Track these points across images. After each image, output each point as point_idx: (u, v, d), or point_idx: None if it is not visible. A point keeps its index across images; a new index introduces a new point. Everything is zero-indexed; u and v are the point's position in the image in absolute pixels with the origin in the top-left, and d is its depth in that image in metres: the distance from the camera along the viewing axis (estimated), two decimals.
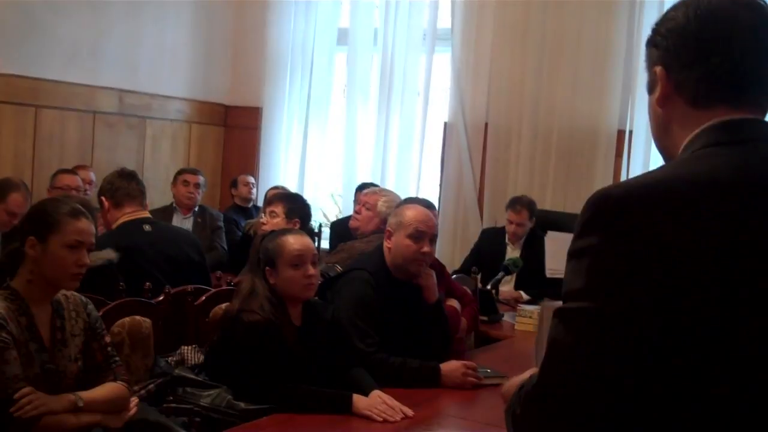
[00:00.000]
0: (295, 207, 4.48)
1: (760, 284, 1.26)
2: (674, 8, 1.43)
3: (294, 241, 3.21)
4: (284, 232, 3.35)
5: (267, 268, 3.18)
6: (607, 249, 1.27)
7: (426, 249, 3.52)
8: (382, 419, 2.91)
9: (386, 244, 3.59)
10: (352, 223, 4.85)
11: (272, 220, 4.39)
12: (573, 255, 1.32)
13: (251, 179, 7.37)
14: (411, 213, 3.57)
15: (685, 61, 1.40)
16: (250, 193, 7.28)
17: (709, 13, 1.38)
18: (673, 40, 1.41)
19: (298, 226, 4.25)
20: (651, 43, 1.46)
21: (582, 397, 1.26)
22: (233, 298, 3.28)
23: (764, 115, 1.42)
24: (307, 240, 3.29)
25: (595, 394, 1.26)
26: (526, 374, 1.75)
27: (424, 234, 3.51)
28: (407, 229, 3.51)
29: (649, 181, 1.33)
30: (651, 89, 1.46)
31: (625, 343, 1.25)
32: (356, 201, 5.06)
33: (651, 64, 1.46)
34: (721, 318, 1.24)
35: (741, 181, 1.30)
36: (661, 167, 1.40)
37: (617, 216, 1.27)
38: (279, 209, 4.44)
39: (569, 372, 1.28)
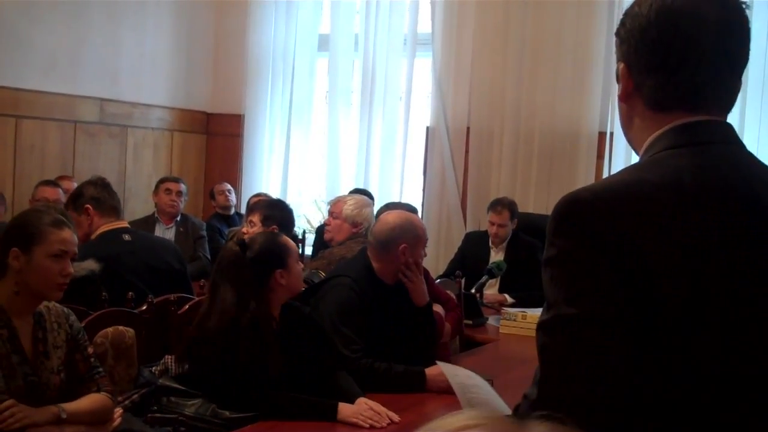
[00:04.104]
0: (272, 214, 4.47)
1: (727, 278, 1.28)
2: (639, 1, 1.42)
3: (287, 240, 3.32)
4: (267, 234, 3.43)
5: (279, 270, 3.18)
6: (580, 253, 1.28)
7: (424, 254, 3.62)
8: (368, 426, 2.91)
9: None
10: (325, 236, 4.90)
11: (251, 229, 4.39)
12: (547, 264, 1.32)
13: (227, 186, 7.32)
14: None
15: (643, 65, 1.40)
16: (227, 200, 7.25)
17: (669, 13, 1.37)
18: (634, 39, 1.41)
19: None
20: (617, 33, 1.46)
21: (585, 403, 1.26)
22: (212, 310, 3.20)
23: (724, 115, 1.42)
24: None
25: (595, 397, 1.26)
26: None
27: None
28: None
29: (615, 184, 1.34)
30: (618, 79, 1.47)
31: (613, 344, 1.26)
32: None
33: (618, 55, 1.47)
34: (695, 311, 1.26)
35: (702, 183, 1.32)
36: (625, 170, 1.42)
37: (587, 219, 1.28)
38: (256, 218, 4.44)
39: (568, 382, 1.27)
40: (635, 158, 1.45)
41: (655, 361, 1.27)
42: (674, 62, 1.37)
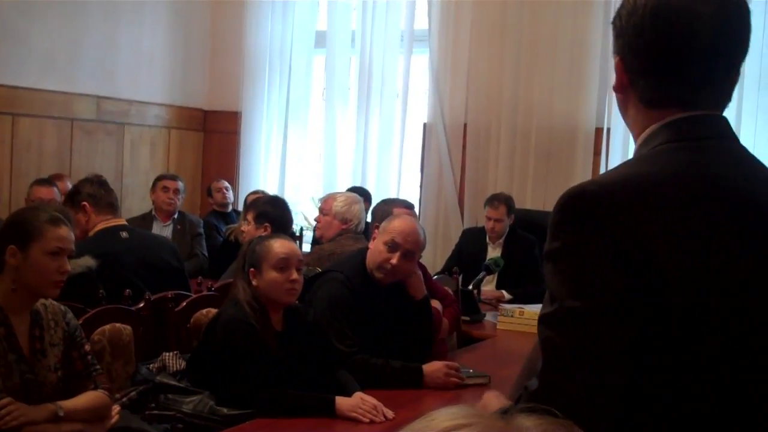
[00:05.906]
0: (264, 212, 4.48)
1: (730, 273, 1.29)
2: None
3: (279, 245, 3.24)
4: (272, 236, 3.39)
5: (251, 269, 3.19)
6: (585, 246, 1.27)
7: (393, 261, 3.49)
8: (368, 420, 2.90)
9: (370, 243, 3.62)
10: (316, 233, 4.93)
11: (246, 226, 4.42)
12: (551, 256, 1.32)
13: (224, 183, 7.32)
14: (398, 223, 3.58)
15: (637, 63, 1.39)
16: (225, 198, 7.23)
17: (665, 11, 1.35)
18: (628, 34, 1.39)
19: (269, 230, 4.25)
20: (614, 23, 1.44)
21: (588, 395, 1.26)
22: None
23: (721, 109, 1.42)
24: (293, 245, 3.33)
25: (599, 389, 1.26)
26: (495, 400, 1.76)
27: (399, 246, 3.50)
28: (386, 236, 3.53)
29: (619, 177, 1.34)
30: (615, 68, 1.46)
31: (618, 336, 1.25)
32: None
33: (614, 47, 1.45)
34: (701, 305, 1.26)
35: (702, 179, 1.32)
36: (626, 164, 1.42)
37: (594, 212, 1.28)
38: (250, 216, 4.46)
39: (571, 374, 1.27)
40: (632, 153, 1.46)
41: (660, 355, 1.26)
42: (667, 64, 1.36)
